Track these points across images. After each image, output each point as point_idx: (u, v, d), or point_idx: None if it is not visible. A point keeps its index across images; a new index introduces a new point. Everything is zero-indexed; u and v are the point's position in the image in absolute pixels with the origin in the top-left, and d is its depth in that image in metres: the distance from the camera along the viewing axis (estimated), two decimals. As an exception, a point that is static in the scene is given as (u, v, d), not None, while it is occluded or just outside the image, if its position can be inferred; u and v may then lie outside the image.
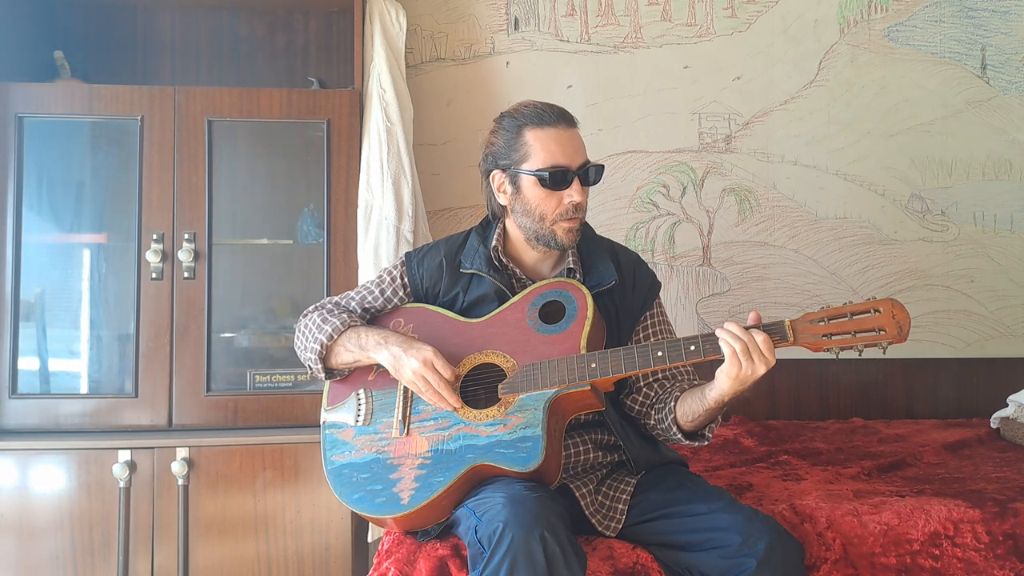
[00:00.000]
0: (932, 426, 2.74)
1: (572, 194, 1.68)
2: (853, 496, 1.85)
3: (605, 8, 2.95)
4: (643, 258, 1.88)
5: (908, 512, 1.74)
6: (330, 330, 1.72)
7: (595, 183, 1.73)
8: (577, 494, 1.68)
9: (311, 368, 1.77)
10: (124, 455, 2.24)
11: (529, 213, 1.71)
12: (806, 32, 2.99)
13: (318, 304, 1.84)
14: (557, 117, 1.70)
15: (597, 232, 1.88)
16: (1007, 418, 2.52)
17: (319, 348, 1.72)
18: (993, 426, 2.58)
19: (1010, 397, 2.53)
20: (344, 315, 1.76)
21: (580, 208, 1.70)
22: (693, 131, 2.96)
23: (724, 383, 1.54)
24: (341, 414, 1.74)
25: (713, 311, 2.94)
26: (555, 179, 1.67)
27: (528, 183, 1.70)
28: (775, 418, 2.86)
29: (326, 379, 1.78)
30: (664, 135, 2.95)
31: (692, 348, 1.56)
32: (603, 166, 1.75)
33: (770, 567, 1.47)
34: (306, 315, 1.82)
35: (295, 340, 1.83)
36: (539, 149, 1.68)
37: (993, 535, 1.72)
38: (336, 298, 1.86)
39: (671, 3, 2.96)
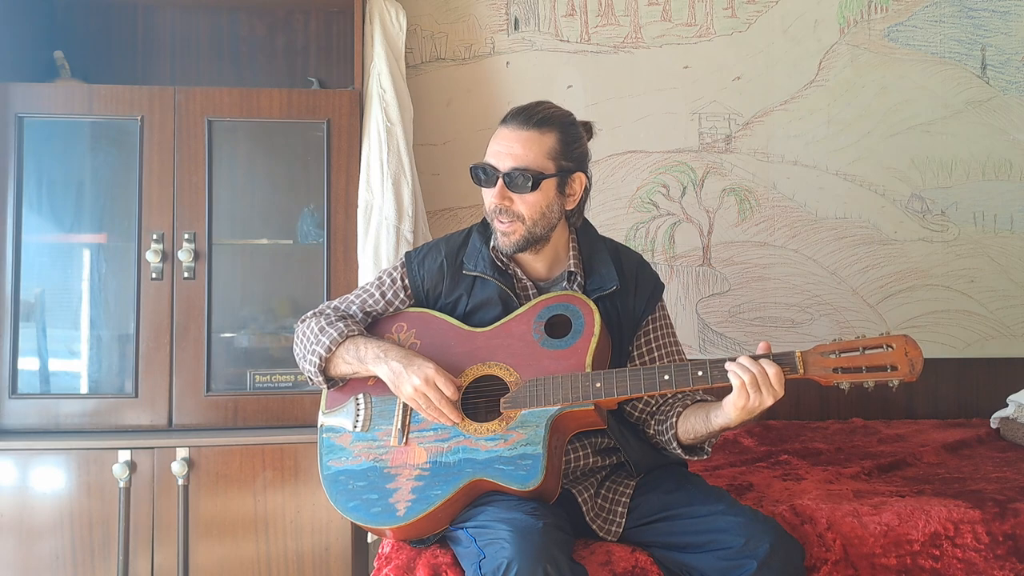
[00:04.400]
0: (932, 426, 2.74)
1: (492, 195, 1.65)
2: (853, 496, 1.85)
3: (605, 8, 2.95)
4: (644, 259, 1.85)
5: (908, 513, 1.74)
6: (327, 342, 1.67)
7: (523, 191, 1.62)
8: (579, 499, 1.67)
9: (310, 380, 1.74)
10: (124, 455, 2.24)
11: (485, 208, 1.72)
12: (806, 32, 2.99)
13: (316, 310, 1.79)
14: (513, 116, 1.67)
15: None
16: (1007, 418, 2.52)
17: (318, 361, 1.67)
18: (993, 426, 2.58)
19: (1010, 397, 2.54)
20: (341, 323, 1.70)
21: (505, 212, 1.64)
22: (693, 131, 2.96)
23: (731, 413, 1.53)
24: (339, 418, 1.71)
25: (713, 311, 2.94)
26: (476, 175, 1.67)
27: None
28: (775, 418, 2.86)
29: (327, 388, 1.75)
30: (664, 135, 2.95)
31: (699, 374, 1.54)
32: (529, 175, 1.61)
33: (771, 569, 1.47)
34: (304, 321, 1.77)
35: (294, 347, 1.79)
36: (490, 144, 1.69)
37: (993, 535, 1.72)
38: (336, 302, 1.81)
39: (671, 3, 2.96)
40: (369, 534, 2.39)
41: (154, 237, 2.35)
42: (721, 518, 1.54)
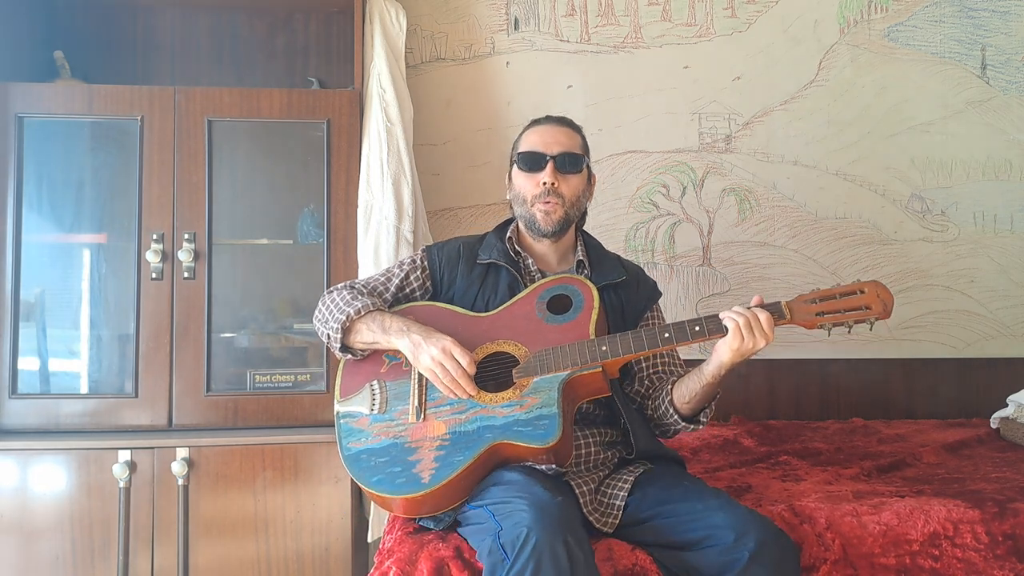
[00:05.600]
0: (932, 426, 2.74)
1: (544, 176, 1.82)
2: (853, 496, 1.85)
3: (605, 8, 2.95)
4: (643, 258, 1.94)
5: (908, 513, 1.74)
6: (359, 306, 1.76)
7: (572, 172, 1.84)
8: (577, 492, 1.69)
9: (328, 337, 1.80)
10: (124, 455, 2.24)
11: (516, 197, 1.87)
12: (806, 32, 2.99)
13: (347, 283, 1.89)
14: (546, 119, 1.92)
15: (599, 236, 1.99)
16: (1007, 418, 2.52)
17: (344, 319, 1.75)
18: (993, 426, 2.58)
19: (1010, 397, 2.54)
20: (374, 297, 1.82)
21: (556, 192, 1.82)
22: (693, 131, 2.96)
23: (725, 355, 1.64)
24: (355, 405, 1.76)
25: (713, 311, 2.90)
26: (527, 160, 1.85)
27: (515, 168, 1.88)
28: (775, 418, 2.86)
29: (340, 352, 1.80)
30: (664, 135, 2.95)
31: (697, 328, 1.66)
32: (579, 156, 1.86)
33: (761, 563, 1.48)
34: (333, 291, 1.87)
35: (316, 312, 1.87)
36: (525, 140, 1.89)
37: (993, 535, 1.72)
38: (361, 281, 1.91)
39: (671, 3, 2.96)
40: (369, 533, 2.40)
41: (154, 237, 2.35)
42: (715, 514, 1.56)
